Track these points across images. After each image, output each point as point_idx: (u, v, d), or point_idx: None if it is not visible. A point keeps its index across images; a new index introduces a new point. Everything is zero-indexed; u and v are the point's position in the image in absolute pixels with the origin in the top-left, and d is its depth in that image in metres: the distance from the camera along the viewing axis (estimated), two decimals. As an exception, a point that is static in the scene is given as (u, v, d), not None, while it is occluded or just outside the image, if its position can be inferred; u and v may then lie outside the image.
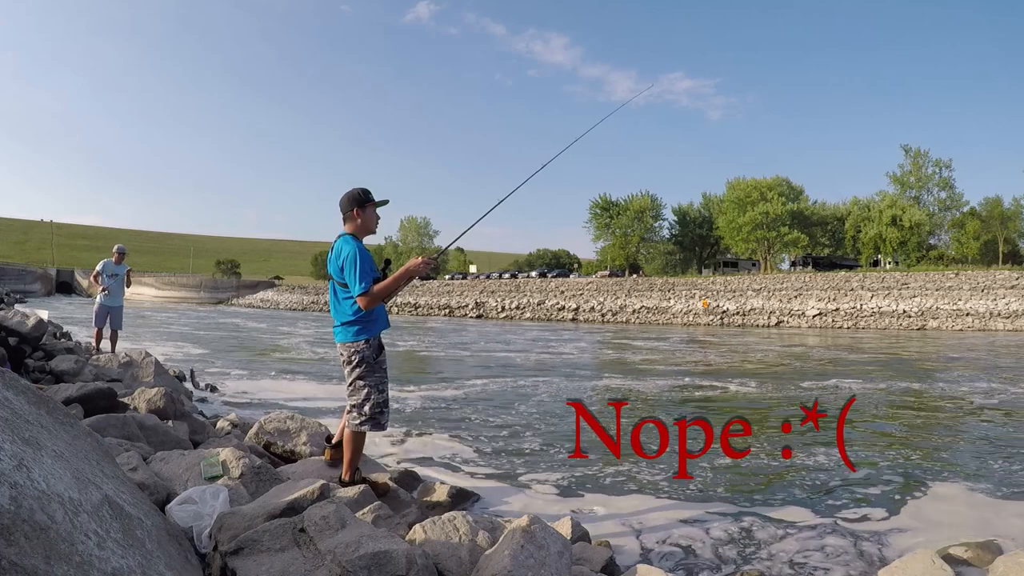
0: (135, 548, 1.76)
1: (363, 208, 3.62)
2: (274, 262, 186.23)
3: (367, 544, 2.26)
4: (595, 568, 2.94)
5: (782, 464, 5.52)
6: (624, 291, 47.35)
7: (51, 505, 1.50)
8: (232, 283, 78.47)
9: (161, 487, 2.98)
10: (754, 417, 7.79)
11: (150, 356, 7.64)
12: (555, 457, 5.71)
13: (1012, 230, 57.04)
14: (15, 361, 6.49)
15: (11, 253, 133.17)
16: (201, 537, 2.49)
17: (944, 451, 6.10)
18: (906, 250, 52.56)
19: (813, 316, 36.88)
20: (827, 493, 4.72)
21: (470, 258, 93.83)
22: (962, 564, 3.34)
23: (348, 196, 3.64)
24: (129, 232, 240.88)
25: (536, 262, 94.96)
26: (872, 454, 5.92)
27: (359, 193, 3.65)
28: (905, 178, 56.25)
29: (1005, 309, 33.14)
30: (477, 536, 2.71)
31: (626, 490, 4.78)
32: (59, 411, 2.29)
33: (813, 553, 3.61)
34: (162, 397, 5.03)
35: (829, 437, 6.59)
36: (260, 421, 4.76)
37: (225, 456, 3.44)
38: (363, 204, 3.63)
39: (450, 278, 65.95)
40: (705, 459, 5.73)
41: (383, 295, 3.46)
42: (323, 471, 3.83)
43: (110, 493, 1.91)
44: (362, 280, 3.42)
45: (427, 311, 49.75)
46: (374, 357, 3.56)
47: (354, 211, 3.61)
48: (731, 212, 59.35)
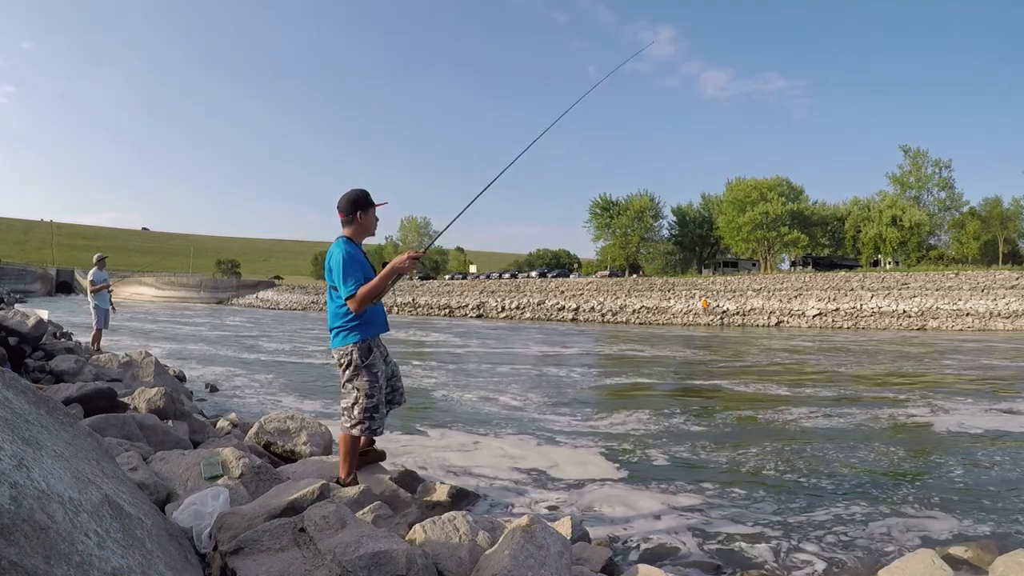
0: (135, 548, 1.76)
1: (365, 211, 3.59)
2: (274, 262, 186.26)
3: (367, 544, 2.25)
4: (595, 568, 2.94)
5: (783, 466, 5.53)
6: (624, 291, 47.32)
7: (51, 505, 1.50)
8: (232, 283, 78.46)
9: (161, 487, 2.98)
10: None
11: (150, 356, 7.63)
12: (556, 457, 5.72)
13: (1012, 230, 57.03)
14: (15, 361, 6.49)
15: (11, 253, 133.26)
16: (201, 537, 2.49)
17: (944, 451, 6.10)
18: (906, 250, 52.54)
19: (813, 316, 36.86)
20: (827, 494, 4.73)
21: (470, 258, 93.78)
22: (962, 564, 3.34)
23: (348, 198, 3.58)
24: (129, 232, 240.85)
25: (536, 262, 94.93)
26: (872, 454, 5.92)
27: (360, 195, 3.59)
28: (905, 178, 56.24)
29: (1005, 309, 33.14)
30: (477, 536, 2.71)
31: (626, 490, 4.78)
32: (59, 411, 2.29)
33: (814, 553, 3.61)
34: (162, 397, 5.03)
35: (830, 437, 6.61)
36: (260, 421, 4.76)
37: (225, 456, 3.44)
38: (365, 207, 3.59)
39: (450, 278, 65.94)
40: (705, 459, 5.75)
41: (371, 295, 3.39)
42: (323, 471, 3.83)
43: (110, 493, 1.91)
44: (347, 282, 3.38)
45: (427, 311, 49.74)
46: (363, 361, 3.52)
47: (357, 214, 3.56)
48: (730, 212, 59.34)
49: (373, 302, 3.47)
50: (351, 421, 3.56)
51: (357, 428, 3.56)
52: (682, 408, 8.44)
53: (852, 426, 7.19)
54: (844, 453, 5.91)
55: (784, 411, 8.18)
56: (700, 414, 8.00)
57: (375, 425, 3.60)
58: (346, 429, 3.59)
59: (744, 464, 5.53)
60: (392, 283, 3.50)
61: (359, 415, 3.54)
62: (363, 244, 3.72)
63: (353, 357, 3.52)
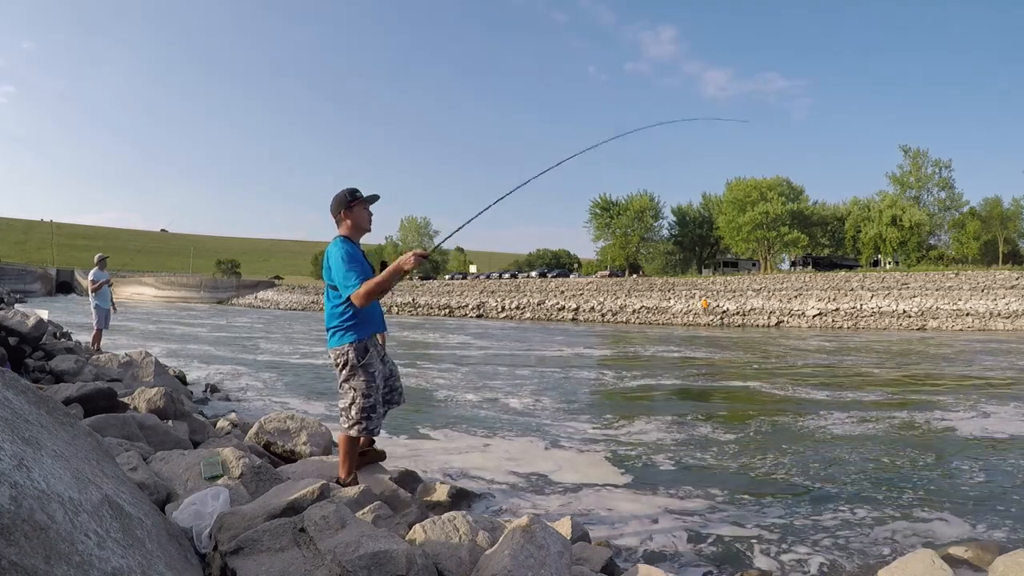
0: (135, 548, 1.76)
1: (350, 209, 3.59)
2: (274, 262, 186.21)
3: (367, 544, 2.25)
4: (595, 568, 2.94)
5: (783, 465, 5.52)
6: (624, 291, 47.31)
7: (51, 505, 1.50)
8: (232, 283, 78.42)
9: (161, 487, 2.98)
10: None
11: (150, 356, 7.64)
12: (559, 459, 5.71)
13: (1012, 230, 57.03)
14: (15, 361, 6.49)
15: (11, 253, 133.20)
16: (201, 537, 2.49)
17: (944, 451, 6.09)
18: (906, 250, 52.54)
19: (813, 316, 36.86)
20: (828, 494, 4.72)
21: (470, 258, 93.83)
22: (962, 564, 3.34)
23: (335, 199, 3.62)
24: (130, 232, 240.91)
25: (536, 262, 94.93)
26: (873, 454, 5.91)
27: (345, 194, 3.62)
28: (905, 178, 56.24)
29: (1005, 309, 33.13)
30: (477, 536, 2.71)
31: (626, 491, 4.77)
32: (59, 411, 2.29)
33: (814, 553, 3.61)
34: (162, 397, 5.03)
35: (831, 437, 6.61)
36: (260, 421, 4.76)
37: (225, 456, 3.44)
38: (350, 205, 3.59)
39: (450, 278, 65.92)
40: (705, 460, 5.75)
41: (376, 291, 3.36)
42: (323, 471, 3.83)
43: (110, 493, 1.91)
44: (349, 277, 3.37)
45: (427, 311, 49.73)
46: (358, 360, 3.52)
47: (341, 213, 3.60)
48: (730, 212, 59.34)
49: (378, 297, 3.46)
50: (349, 421, 3.57)
51: (355, 428, 3.57)
52: (695, 411, 8.39)
53: (852, 425, 7.18)
54: (861, 457, 5.84)
55: (811, 415, 7.96)
56: (712, 417, 7.96)
57: (372, 425, 3.60)
58: (344, 430, 3.60)
59: (754, 468, 5.50)
60: (396, 280, 3.47)
61: (356, 415, 3.54)
62: (362, 244, 3.73)
63: (349, 357, 3.52)
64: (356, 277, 3.36)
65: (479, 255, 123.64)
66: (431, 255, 3.54)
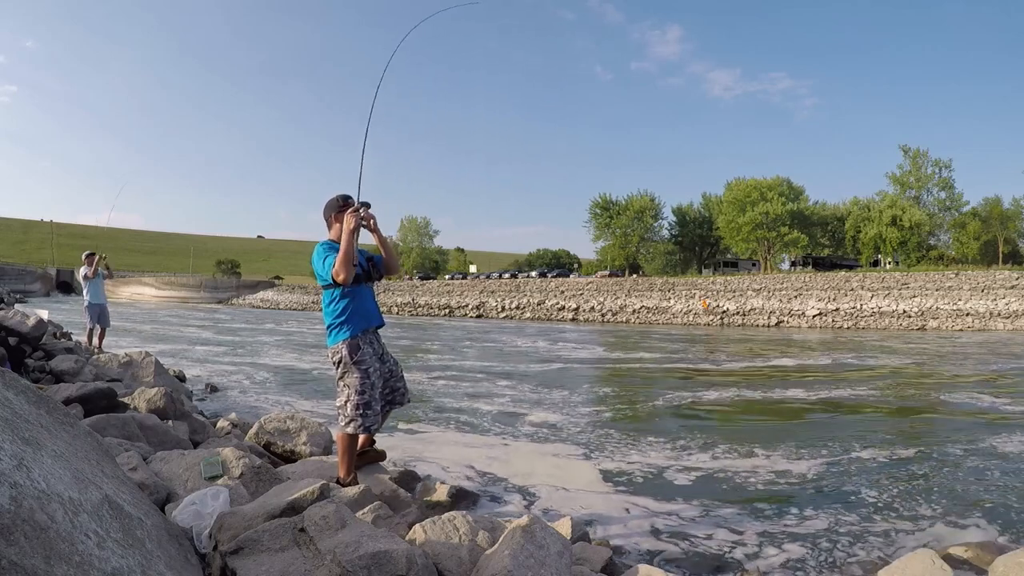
0: (135, 548, 1.76)
1: (340, 214, 3.66)
2: (274, 262, 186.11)
3: (367, 544, 2.25)
4: (595, 568, 2.94)
5: (783, 466, 5.52)
6: (624, 291, 47.29)
7: (51, 505, 1.50)
8: (232, 283, 78.37)
9: (161, 487, 2.98)
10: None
11: (150, 356, 7.63)
12: (556, 458, 5.71)
13: (1012, 230, 57.03)
14: (15, 361, 6.48)
15: (11, 253, 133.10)
16: (201, 537, 2.49)
17: (944, 451, 6.09)
18: (906, 250, 52.52)
19: (813, 316, 36.84)
20: (827, 494, 4.72)
21: (470, 258, 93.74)
22: (962, 564, 3.34)
23: (327, 203, 3.75)
24: (130, 232, 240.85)
25: (536, 262, 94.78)
26: (872, 454, 5.91)
27: (337, 200, 3.72)
28: (904, 178, 56.21)
29: (1005, 309, 33.12)
30: (477, 536, 2.71)
31: (626, 491, 4.77)
32: (59, 411, 2.29)
33: (814, 553, 3.61)
34: (162, 397, 5.03)
35: (831, 438, 6.60)
36: (260, 421, 4.77)
37: (225, 456, 3.44)
38: (339, 211, 3.68)
39: (450, 278, 65.87)
40: (706, 460, 5.75)
41: (345, 258, 3.40)
42: (323, 471, 3.83)
43: (110, 493, 1.91)
44: (325, 263, 3.52)
45: (427, 311, 49.73)
46: (352, 357, 3.59)
47: (332, 217, 3.70)
48: (730, 212, 59.33)
49: (349, 262, 3.45)
50: (344, 419, 3.61)
51: (351, 425, 3.59)
52: (695, 411, 8.39)
53: (852, 426, 7.18)
54: (861, 457, 5.83)
55: (811, 416, 7.99)
56: (711, 418, 7.97)
57: (368, 422, 3.62)
58: (341, 428, 3.63)
59: (745, 465, 5.52)
60: (355, 239, 3.49)
61: (351, 412, 3.59)
62: (363, 245, 3.76)
63: (343, 354, 3.59)
64: (328, 259, 3.52)
65: (479, 255, 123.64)
66: (366, 210, 3.58)
